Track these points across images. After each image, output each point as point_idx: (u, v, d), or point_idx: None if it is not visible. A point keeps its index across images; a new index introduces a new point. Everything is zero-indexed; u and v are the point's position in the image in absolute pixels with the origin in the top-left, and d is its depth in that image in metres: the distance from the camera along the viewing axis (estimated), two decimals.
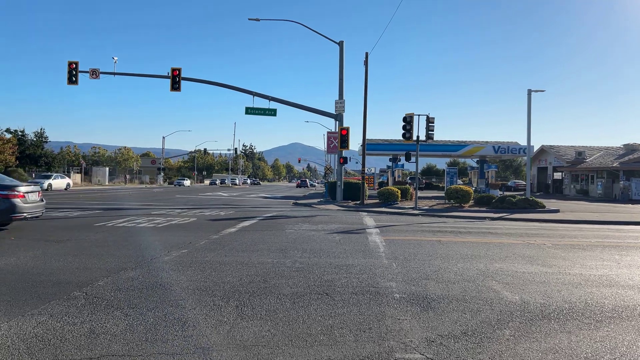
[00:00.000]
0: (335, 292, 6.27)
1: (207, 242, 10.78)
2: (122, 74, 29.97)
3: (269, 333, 4.66)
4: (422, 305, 5.71)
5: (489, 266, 8.33)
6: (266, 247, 10.02)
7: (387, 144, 44.53)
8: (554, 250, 10.50)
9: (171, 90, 28.31)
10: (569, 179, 50.16)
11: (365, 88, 27.55)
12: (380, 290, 6.37)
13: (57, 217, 16.36)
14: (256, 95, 30.28)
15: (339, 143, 28.41)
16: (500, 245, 11.17)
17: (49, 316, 5.00)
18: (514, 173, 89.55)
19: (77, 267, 7.55)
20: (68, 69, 27.75)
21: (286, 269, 7.74)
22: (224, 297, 5.90)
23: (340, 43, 29.77)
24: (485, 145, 43.35)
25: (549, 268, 8.33)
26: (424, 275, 7.44)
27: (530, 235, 13.49)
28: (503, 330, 4.91)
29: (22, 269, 7.33)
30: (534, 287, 6.81)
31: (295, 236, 12.05)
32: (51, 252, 8.98)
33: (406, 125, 23.67)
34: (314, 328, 4.83)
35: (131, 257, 8.52)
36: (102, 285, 6.36)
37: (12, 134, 63.77)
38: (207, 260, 8.36)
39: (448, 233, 13.51)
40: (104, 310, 5.24)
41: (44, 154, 68.73)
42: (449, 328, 4.92)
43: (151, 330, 4.64)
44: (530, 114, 24.55)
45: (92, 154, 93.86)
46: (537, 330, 4.94)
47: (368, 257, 9.04)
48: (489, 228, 15.33)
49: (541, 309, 5.69)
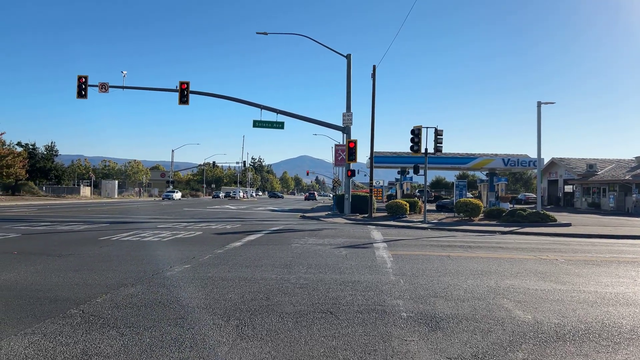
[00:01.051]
0: (340, 310, 6.04)
1: (211, 256, 10.60)
2: (131, 87, 30.17)
3: (269, 355, 4.44)
4: (431, 325, 5.47)
5: (500, 283, 8.06)
6: (271, 262, 9.82)
7: (395, 156, 44.31)
8: (567, 266, 10.19)
9: (179, 103, 28.40)
10: (580, 192, 49.50)
11: (373, 101, 27.46)
12: (386, 309, 6.13)
13: (62, 230, 16.30)
14: (264, 109, 30.30)
15: (346, 156, 28.26)
16: (511, 260, 10.87)
17: (42, 336, 4.82)
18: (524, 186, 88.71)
19: (77, 283, 7.39)
20: (77, 83, 27.98)
21: (290, 285, 7.53)
22: (224, 316, 5.69)
23: (348, 56, 29.78)
24: (494, 157, 42.97)
25: (563, 285, 8.03)
26: (432, 292, 7.19)
27: (542, 250, 13.16)
28: (516, 352, 4.65)
29: (20, 285, 7.19)
30: (548, 306, 6.53)
31: (300, 251, 11.83)
32: (52, 267, 8.85)
33: (414, 137, 23.48)
34: (316, 350, 4.61)
35: (133, 273, 8.36)
36: (100, 303, 6.19)
37: (23, 147, 64.52)
38: (209, 276, 8.17)
39: (457, 248, 13.22)
40: (100, 330, 5.06)
41: (54, 167, 69.40)
42: (458, 350, 4.67)
43: (146, 352, 4.45)
44: (540, 127, 24.27)
45: (102, 167, 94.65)
46: (552, 353, 4.67)
47: (375, 273, 8.80)
48: (500, 242, 15.01)
49: (556, 330, 5.42)
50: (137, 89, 31.30)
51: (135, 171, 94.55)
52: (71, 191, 68.56)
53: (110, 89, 28.84)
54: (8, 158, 52.19)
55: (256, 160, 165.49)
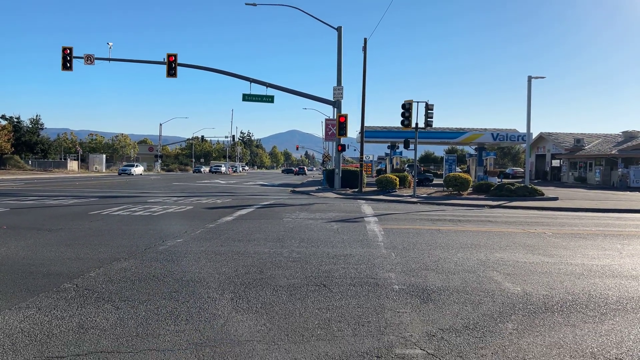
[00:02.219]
0: (333, 283, 6.11)
1: (203, 231, 10.62)
2: (117, 59, 29.56)
3: (264, 327, 4.50)
4: (422, 298, 5.56)
5: (489, 256, 8.19)
6: (263, 237, 9.86)
7: (386, 131, 44.29)
8: (554, 240, 10.37)
9: (167, 76, 27.98)
10: (567, 166, 50.05)
11: (364, 74, 27.24)
12: (379, 282, 6.22)
13: (51, 205, 16.17)
14: (253, 82, 29.94)
15: (337, 130, 28.16)
16: (500, 234, 11.04)
17: (36, 310, 4.83)
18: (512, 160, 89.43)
19: (69, 258, 7.38)
20: (62, 55, 27.33)
21: (283, 259, 7.58)
22: (218, 289, 5.74)
23: (339, 29, 29.36)
24: (484, 132, 43.13)
25: (551, 258, 8.19)
26: (423, 265, 7.29)
27: (530, 223, 13.36)
28: (505, 323, 4.77)
29: (12, 260, 7.16)
30: (536, 278, 6.67)
31: (292, 225, 11.89)
32: (43, 241, 8.81)
33: (405, 112, 23.42)
34: (311, 322, 4.68)
35: (125, 247, 8.35)
36: (93, 277, 6.19)
37: (8, 120, 63.33)
38: (202, 250, 8.20)
39: (447, 222, 13.37)
40: (94, 304, 5.07)
41: (40, 141, 68.35)
42: (450, 321, 4.77)
43: (142, 325, 4.48)
44: (530, 101, 24.32)
45: (89, 141, 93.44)
46: (541, 323, 4.80)
47: (366, 246, 8.89)
48: (488, 216, 15.20)
49: (544, 301, 5.55)
50: (123, 61, 30.70)
51: (122, 145, 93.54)
52: (58, 165, 67.79)
53: (96, 61, 28.24)
54: None
55: (245, 135, 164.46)
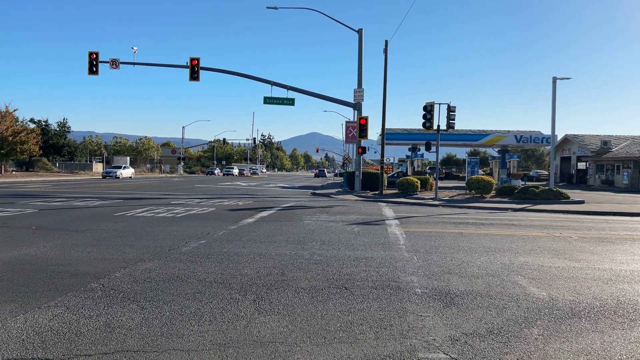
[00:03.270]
0: (354, 286, 6.10)
1: (225, 232, 10.72)
2: (142, 63, 30.07)
3: (286, 329, 4.52)
4: (445, 301, 5.51)
5: (513, 260, 8.07)
6: (284, 239, 9.90)
7: (407, 133, 43.99)
8: (581, 244, 10.16)
9: (190, 80, 28.29)
10: (594, 169, 48.94)
11: (385, 76, 27.14)
12: (401, 285, 6.19)
13: (77, 206, 16.53)
14: (274, 85, 30.10)
15: (357, 132, 28.11)
16: (525, 237, 10.86)
17: (65, 309, 4.95)
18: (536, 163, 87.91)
19: (96, 258, 7.54)
20: (89, 59, 27.90)
21: (304, 261, 7.60)
22: (241, 291, 5.78)
23: (360, 31, 29.34)
24: (507, 134, 42.46)
25: (577, 262, 8.02)
26: (446, 269, 7.22)
27: (555, 227, 13.11)
28: (531, 329, 4.69)
29: (41, 260, 7.34)
30: (562, 283, 6.54)
31: (313, 227, 11.91)
32: (70, 242, 9.01)
33: (426, 114, 23.26)
34: (332, 324, 4.68)
35: (149, 248, 8.49)
36: (119, 277, 6.31)
37: (36, 124, 64.95)
38: (224, 252, 8.28)
39: (470, 225, 13.22)
40: (120, 303, 5.17)
41: (66, 144, 69.96)
42: (473, 326, 4.72)
43: (167, 325, 4.55)
44: (555, 103, 23.88)
45: (113, 143, 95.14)
46: (567, 329, 4.70)
47: (388, 249, 8.85)
48: (512, 219, 14.97)
49: (571, 307, 5.44)
50: (147, 65, 31.23)
51: (146, 148, 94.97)
52: (84, 167, 69.26)
53: (121, 65, 28.77)
54: (22, 134, 52.61)
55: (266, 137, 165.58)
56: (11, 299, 5.22)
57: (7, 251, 7.96)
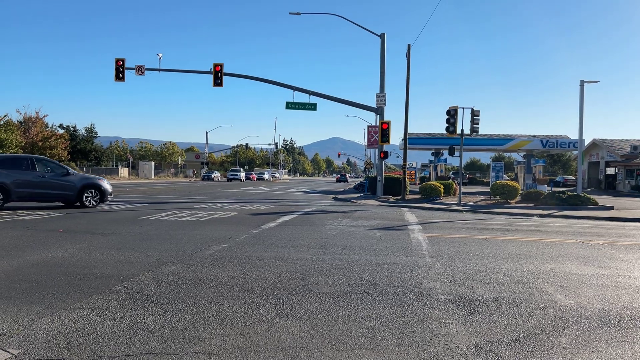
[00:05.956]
0: (376, 291, 6.05)
1: (247, 236, 10.77)
2: (166, 70, 30.62)
3: (307, 334, 4.50)
4: (469, 308, 5.41)
5: (539, 267, 7.88)
6: (305, 243, 9.89)
7: (430, 137, 43.59)
8: (610, 251, 9.87)
9: (214, 85, 28.65)
10: (623, 174, 47.63)
11: (407, 81, 26.99)
12: (423, 291, 6.10)
13: (103, 210, 16.85)
14: (296, 90, 30.25)
15: (379, 137, 27.99)
16: (551, 244, 10.61)
17: (90, 310, 5.03)
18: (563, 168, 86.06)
19: (120, 261, 7.65)
20: (115, 66, 28.53)
21: (325, 266, 7.57)
22: (262, 295, 5.79)
23: (382, 35, 29.27)
24: (532, 139, 41.70)
25: (606, 270, 7.79)
26: (470, 275, 7.10)
27: (583, 234, 12.78)
28: (558, 337, 4.56)
29: (67, 262, 7.49)
30: (591, 291, 6.36)
31: (334, 232, 11.87)
32: (96, 245, 9.18)
33: (450, 118, 23.02)
34: (354, 330, 4.63)
35: (172, 251, 8.58)
36: (142, 280, 6.39)
37: (65, 129, 66.69)
38: (246, 256, 8.31)
39: (494, 231, 12.99)
40: (144, 306, 5.23)
41: (94, 149, 71.58)
42: (498, 334, 4.61)
43: (189, 328, 4.57)
44: (582, 106, 23.38)
45: (139, 148, 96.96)
46: (597, 338, 4.56)
47: (410, 255, 8.75)
48: (538, 226, 14.66)
49: (600, 316, 5.28)
50: (172, 72, 31.76)
51: (170, 152, 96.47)
52: (110, 172, 70.61)
53: (147, 71, 29.32)
54: (51, 140, 54.09)
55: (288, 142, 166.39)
56: (38, 300, 5.34)
57: (35, 253, 8.15)
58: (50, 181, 16.67)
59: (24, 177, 16.08)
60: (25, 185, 16.06)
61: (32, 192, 16.33)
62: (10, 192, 15.73)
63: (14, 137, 46.87)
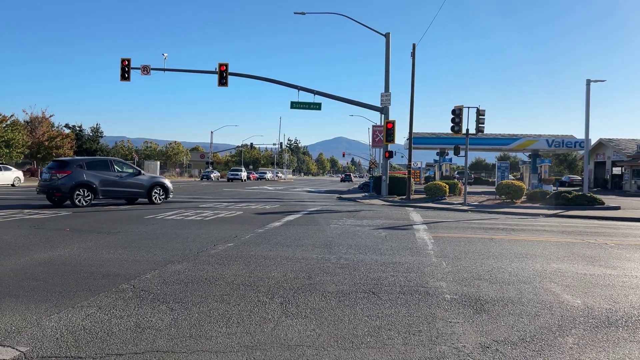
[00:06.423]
0: (382, 291, 6.04)
1: (252, 235, 10.79)
2: (172, 69, 30.67)
3: (313, 333, 4.51)
4: (475, 308, 5.40)
5: (546, 266, 7.86)
6: (311, 242, 9.90)
7: (435, 137, 43.56)
8: (617, 251, 9.82)
9: (219, 85, 28.69)
10: (630, 174, 47.32)
11: (412, 81, 26.94)
12: (429, 291, 6.10)
13: (109, 209, 16.92)
14: (301, 90, 30.25)
15: (384, 137, 27.96)
16: (557, 244, 10.57)
17: (97, 308, 5.06)
18: (568, 168, 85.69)
19: (126, 260, 7.69)
20: (121, 66, 28.61)
21: (331, 265, 7.58)
22: (268, 293, 5.80)
23: (387, 35, 29.23)
24: (538, 138, 41.60)
25: (614, 270, 7.76)
26: (476, 275, 7.08)
27: (589, 233, 12.72)
28: (565, 337, 4.54)
29: (74, 261, 7.53)
30: (598, 291, 6.33)
31: (339, 231, 11.87)
32: (102, 244, 9.22)
33: (455, 118, 22.97)
34: (360, 329, 4.64)
35: (179, 250, 8.61)
36: (149, 278, 6.42)
37: (71, 129, 67.03)
38: (252, 255, 8.33)
39: (500, 230, 12.95)
40: (150, 304, 5.25)
41: (99, 148, 71.92)
42: (505, 333, 4.61)
43: (195, 326, 4.59)
44: (588, 106, 23.28)
45: (144, 148, 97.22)
46: (604, 338, 4.54)
47: (416, 254, 8.74)
48: (544, 225, 14.60)
49: (607, 315, 5.25)
50: (177, 71, 31.83)
51: (175, 152, 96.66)
52: None
53: (152, 71, 29.40)
54: (57, 139, 54.41)
55: (292, 142, 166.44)
56: (46, 298, 5.37)
57: (43, 252, 8.20)
58: (127, 181, 18.41)
59: (106, 177, 17.81)
60: (108, 184, 17.80)
61: (113, 191, 18.13)
62: (97, 191, 17.44)
63: (21, 136, 47.19)
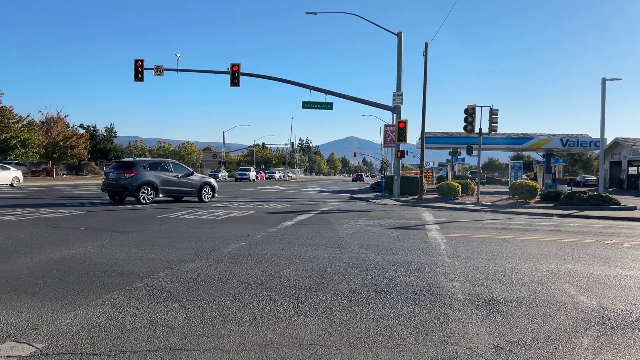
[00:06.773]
0: (394, 290, 6.03)
1: (264, 235, 10.82)
2: (184, 70, 30.89)
3: (325, 332, 4.51)
4: (488, 308, 5.36)
5: (560, 267, 7.77)
6: (322, 242, 9.90)
7: (447, 137, 43.27)
8: (633, 252, 9.68)
9: (231, 85, 28.84)
10: None
11: (425, 80, 26.80)
12: (442, 291, 6.06)
13: (123, 208, 17.09)
14: (313, 89, 30.28)
15: (396, 136, 27.87)
16: (572, 244, 10.45)
17: (111, 306, 5.11)
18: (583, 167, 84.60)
19: (140, 258, 7.76)
20: (135, 67, 28.88)
21: (343, 264, 7.58)
22: (280, 292, 5.82)
23: (399, 34, 29.13)
24: (552, 138, 41.10)
25: (630, 271, 7.65)
26: (489, 275, 7.03)
27: (604, 234, 12.56)
28: (580, 338, 4.49)
29: (89, 259, 7.63)
30: (613, 292, 6.25)
31: (351, 231, 11.86)
32: (116, 242, 9.32)
33: (468, 117, 22.82)
34: (372, 328, 4.63)
35: (191, 249, 8.67)
36: (162, 277, 6.47)
37: (85, 129, 67.81)
38: (264, 254, 8.36)
39: (514, 230, 12.83)
40: (164, 302, 5.30)
41: (113, 148, 72.63)
42: (518, 334, 4.57)
43: (208, 324, 4.62)
44: (604, 104, 22.96)
45: (157, 148, 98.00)
46: (620, 340, 4.48)
47: (428, 254, 8.70)
48: (558, 226, 14.44)
49: (623, 317, 5.18)
50: (190, 72, 32.05)
51: (188, 152, 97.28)
52: None
53: (165, 71, 29.63)
54: (72, 139, 55.07)
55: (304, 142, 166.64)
56: (62, 296, 5.45)
57: (58, 250, 8.31)
58: (182, 181, 19.81)
59: (165, 177, 19.23)
60: (167, 184, 19.25)
61: (171, 190, 19.54)
62: (158, 190, 18.85)
63: (37, 136, 47.84)
